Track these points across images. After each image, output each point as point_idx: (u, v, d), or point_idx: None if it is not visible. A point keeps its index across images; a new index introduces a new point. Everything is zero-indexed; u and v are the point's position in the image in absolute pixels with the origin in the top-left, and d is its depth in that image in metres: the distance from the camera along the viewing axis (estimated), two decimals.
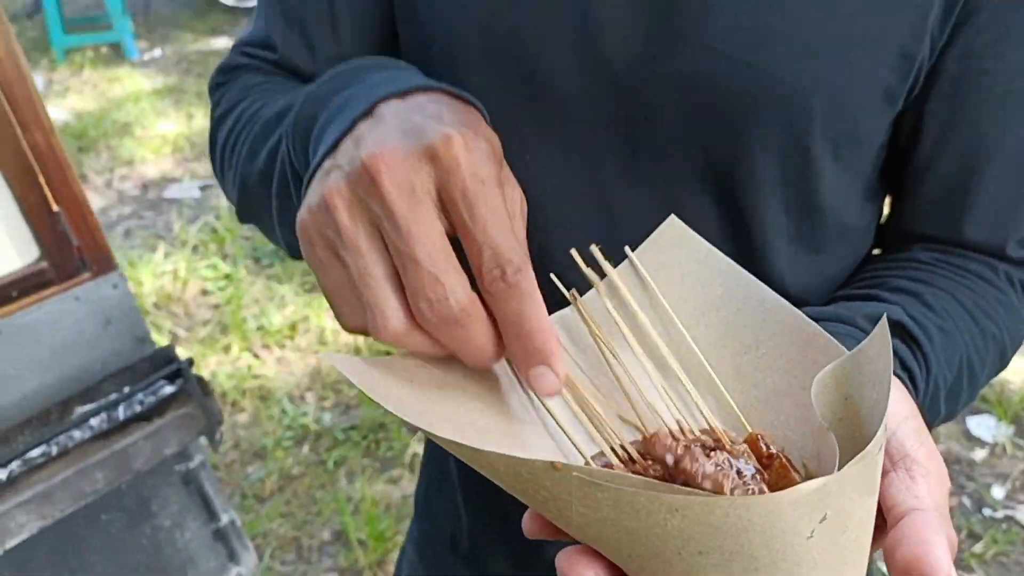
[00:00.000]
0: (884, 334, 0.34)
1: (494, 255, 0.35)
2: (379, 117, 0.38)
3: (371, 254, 0.36)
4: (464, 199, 0.35)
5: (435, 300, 0.35)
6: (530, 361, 0.37)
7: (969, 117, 0.54)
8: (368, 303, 0.36)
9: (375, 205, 0.35)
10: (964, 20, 0.51)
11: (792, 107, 0.51)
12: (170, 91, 4.60)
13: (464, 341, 0.36)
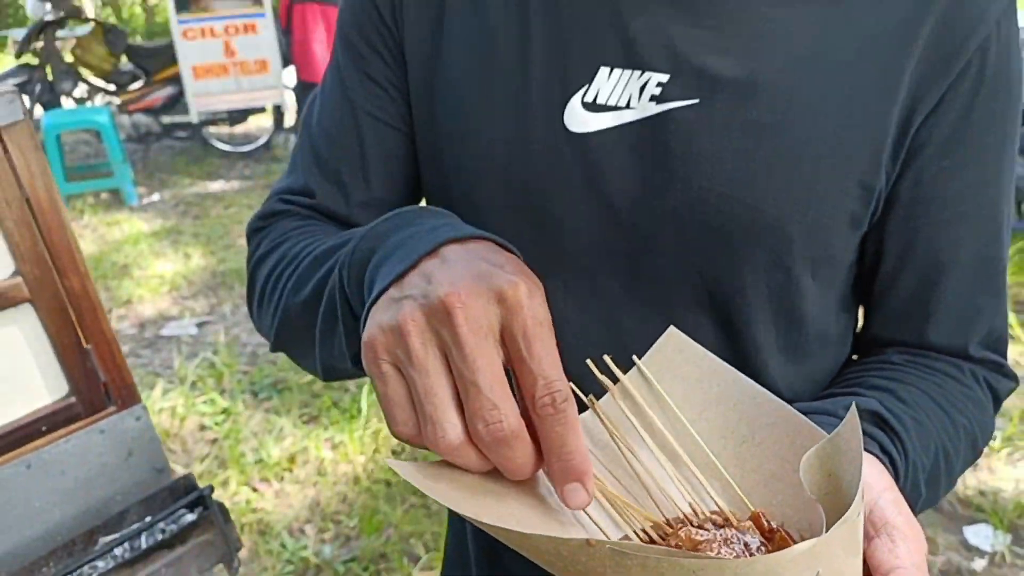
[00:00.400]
0: (854, 419, 0.41)
1: (547, 385, 0.41)
2: (445, 258, 0.45)
3: (437, 376, 0.42)
4: (524, 337, 0.42)
5: (491, 423, 0.41)
6: (567, 478, 0.42)
7: (924, 237, 0.63)
8: (430, 418, 0.42)
9: (447, 335, 0.42)
10: (912, 155, 0.60)
11: (774, 234, 0.59)
12: (168, 233, 4.74)
13: (509, 459, 0.42)
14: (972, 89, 0.59)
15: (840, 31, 0.58)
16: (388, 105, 0.69)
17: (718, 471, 0.47)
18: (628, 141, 0.59)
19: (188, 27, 5.47)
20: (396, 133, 0.69)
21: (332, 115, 0.71)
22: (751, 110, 0.58)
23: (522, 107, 0.61)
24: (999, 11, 0.59)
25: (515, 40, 0.62)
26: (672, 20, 0.59)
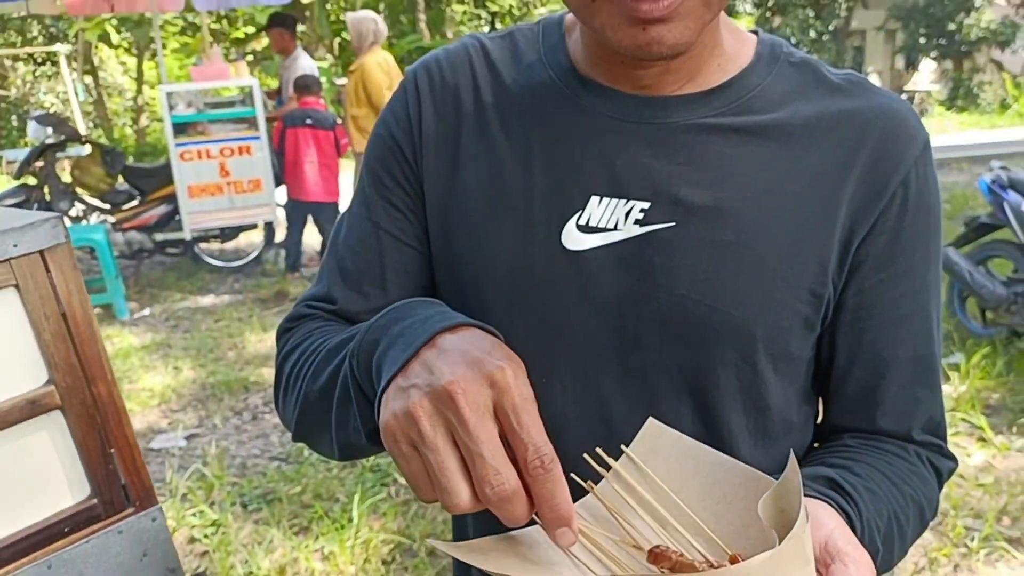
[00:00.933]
0: (794, 463, 0.52)
1: (536, 451, 0.51)
2: (440, 348, 0.55)
3: (447, 452, 0.52)
4: (514, 412, 0.51)
5: (496, 485, 0.50)
6: (557, 524, 0.52)
7: (869, 338, 0.75)
8: (444, 487, 0.52)
9: (452, 416, 0.51)
10: (854, 269, 0.73)
11: (741, 335, 0.70)
12: (158, 347, 4.81)
13: (510, 512, 0.51)
14: (899, 215, 0.72)
15: (789, 168, 0.71)
16: (406, 227, 0.80)
17: (701, 528, 0.56)
18: (616, 257, 0.71)
19: (185, 149, 5.70)
20: (412, 251, 0.81)
21: (357, 234, 0.82)
22: (719, 231, 0.70)
23: (526, 230, 0.73)
24: (916, 153, 0.73)
25: (520, 173, 0.74)
26: (651, 158, 0.71)
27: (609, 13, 0.63)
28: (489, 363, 0.52)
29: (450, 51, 0.82)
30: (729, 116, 0.72)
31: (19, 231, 1.15)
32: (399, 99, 0.82)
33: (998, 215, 4.12)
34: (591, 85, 0.74)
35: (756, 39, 0.78)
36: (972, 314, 4.39)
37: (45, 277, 1.18)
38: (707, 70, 0.73)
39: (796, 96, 0.73)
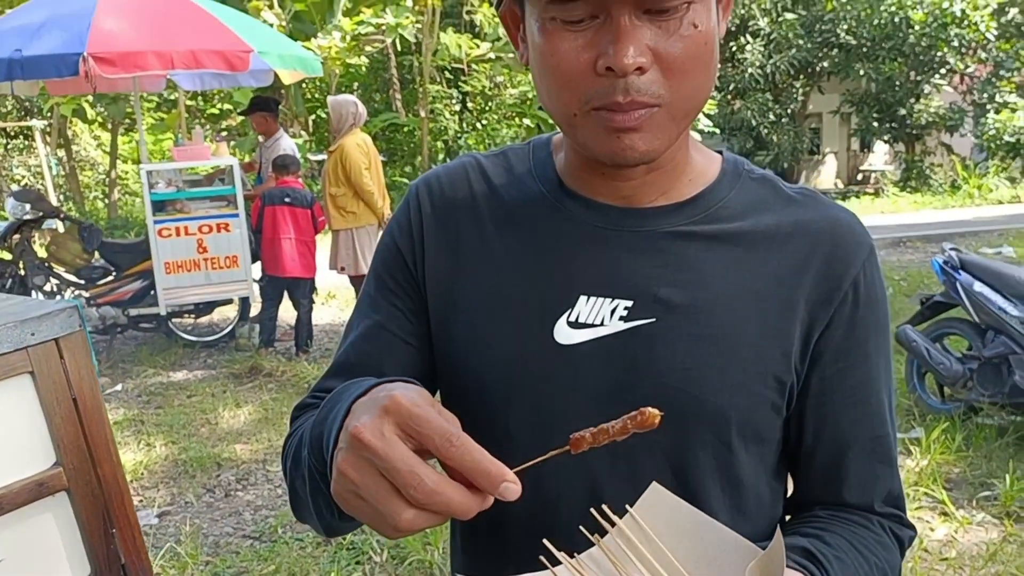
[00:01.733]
0: (779, 536, 0.61)
1: (441, 436, 0.57)
2: (353, 412, 0.63)
3: (375, 484, 0.58)
4: (412, 419, 0.58)
5: (417, 485, 0.56)
6: (494, 483, 0.56)
7: (831, 421, 0.85)
8: (385, 511, 0.58)
9: (366, 454, 0.58)
10: (815, 360, 0.84)
11: (717, 419, 0.80)
12: (131, 423, 4.79)
13: (449, 503, 0.56)
14: (851, 312, 0.83)
15: (754, 270, 0.82)
16: (406, 326, 0.90)
17: None
18: (604, 350, 0.81)
19: (164, 226, 5.77)
20: (411, 348, 0.90)
21: (361, 331, 0.92)
22: (694, 326, 0.80)
23: (522, 327, 0.83)
24: (864, 256, 0.85)
25: (515, 276, 0.85)
26: (632, 261, 0.82)
27: (589, 125, 0.74)
28: (380, 400, 0.60)
29: (449, 168, 0.93)
30: (700, 224, 0.83)
31: (37, 320, 1.24)
32: (403, 211, 0.92)
33: (951, 294, 4.30)
34: (577, 197, 0.85)
35: (721, 158, 0.90)
36: (931, 389, 4.53)
37: (59, 364, 1.26)
38: (679, 184, 0.85)
39: (758, 207, 0.85)
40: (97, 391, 1.28)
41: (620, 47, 0.68)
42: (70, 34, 4.93)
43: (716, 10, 0.75)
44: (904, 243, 10.41)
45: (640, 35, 0.69)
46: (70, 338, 1.25)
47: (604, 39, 0.70)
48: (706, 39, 0.72)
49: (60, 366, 1.25)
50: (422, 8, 12.95)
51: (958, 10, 15.82)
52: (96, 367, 4.17)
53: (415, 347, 0.90)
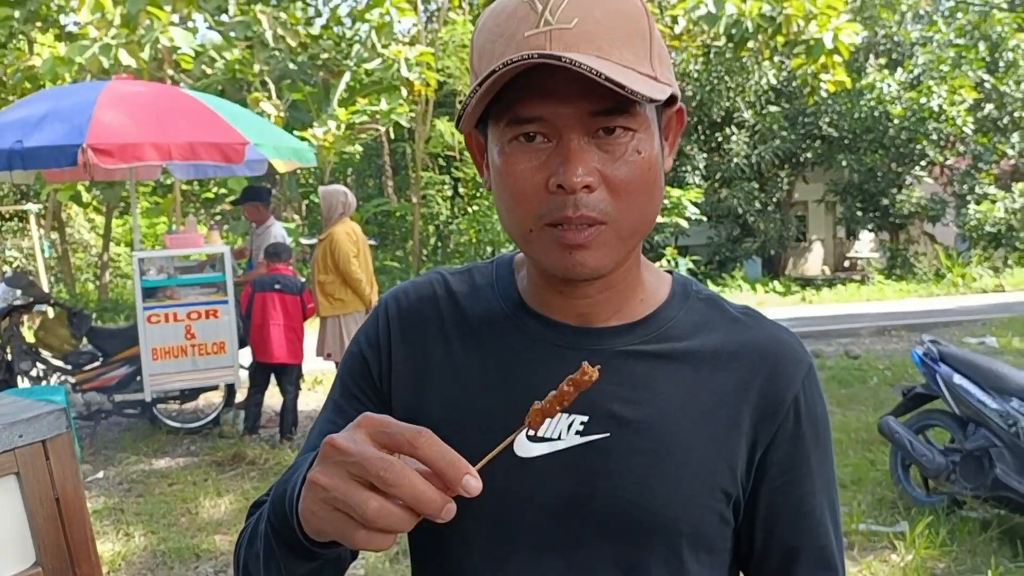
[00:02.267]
0: None
1: (410, 433, 0.63)
2: (326, 442, 0.67)
3: (345, 484, 0.63)
4: (382, 425, 0.64)
5: (386, 467, 0.61)
6: (458, 474, 0.62)
7: (778, 532, 0.89)
8: (354, 507, 0.62)
9: (339, 458, 0.63)
10: (761, 474, 0.88)
11: (668, 530, 0.84)
12: (110, 511, 4.73)
13: (414, 492, 0.61)
14: (794, 429, 0.88)
15: (700, 388, 0.87)
16: None
17: None
18: (561, 464, 0.85)
19: (153, 313, 5.81)
20: None
21: (324, 435, 0.96)
22: (646, 442, 0.85)
23: (483, 440, 0.87)
24: (803, 375, 0.90)
25: (477, 392, 0.89)
26: None
27: (543, 241, 0.80)
28: (353, 422, 0.67)
29: (417, 283, 0.99)
30: (651, 344, 0.89)
31: (26, 422, 1.27)
32: (372, 323, 0.97)
33: (932, 386, 4.36)
34: (537, 316, 0.91)
35: (671, 278, 0.96)
36: (916, 482, 4.53)
37: (44, 465, 1.29)
38: (632, 304, 0.90)
39: (705, 327, 0.91)
40: (80, 491, 1.31)
41: (569, 167, 0.75)
42: (70, 126, 5.07)
43: (660, 143, 0.83)
44: (888, 332, 10.52)
45: (588, 157, 0.77)
46: (56, 440, 1.29)
47: (556, 160, 0.77)
48: (649, 165, 0.79)
49: (45, 467, 1.28)
50: (416, 97, 13.34)
51: (935, 105, 16.38)
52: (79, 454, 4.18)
53: None
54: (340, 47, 13.83)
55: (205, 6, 11.87)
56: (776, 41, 11.69)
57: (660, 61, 0.80)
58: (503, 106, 0.77)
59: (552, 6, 0.75)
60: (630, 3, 0.79)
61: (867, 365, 8.27)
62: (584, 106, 0.75)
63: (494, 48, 0.77)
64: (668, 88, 0.79)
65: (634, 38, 0.77)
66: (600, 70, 0.70)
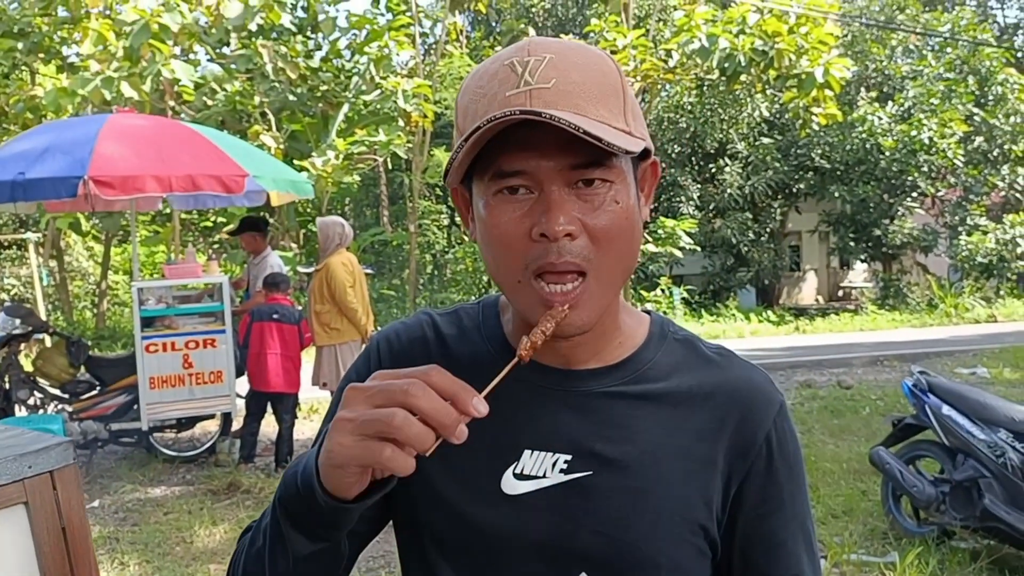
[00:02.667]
0: None
1: (419, 371, 0.71)
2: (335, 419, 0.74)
3: (375, 411, 0.70)
4: (392, 373, 0.72)
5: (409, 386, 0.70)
6: (468, 399, 0.70)
7: (754, 563, 0.95)
8: (387, 417, 0.69)
9: (360, 396, 0.71)
10: (736, 509, 0.93)
11: (648, 564, 0.89)
12: (105, 540, 4.74)
13: (434, 403, 0.69)
14: (767, 465, 0.94)
15: (677, 427, 0.93)
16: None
17: None
18: (546, 500, 0.90)
19: (151, 342, 5.86)
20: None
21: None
22: (626, 479, 0.90)
23: (472, 478, 0.93)
24: (775, 414, 0.95)
25: (469, 434, 0.95)
26: (571, 418, 0.92)
27: (529, 298, 0.85)
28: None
29: (408, 324, 1.04)
30: (630, 385, 0.94)
31: (34, 454, 1.33)
32: (363, 363, 1.02)
33: (921, 417, 4.41)
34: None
35: (649, 319, 1.01)
36: (907, 512, 4.56)
37: (52, 495, 1.34)
38: (611, 347, 0.96)
39: (681, 368, 0.96)
40: (85, 522, 1.36)
41: (552, 216, 0.81)
42: (72, 158, 5.15)
43: (637, 194, 0.88)
44: (881, 362, 10.57)
45: (569, 207, 0.82)
46: (64, 471, 1.34)
47: (539, 211, 0.82)
48: (627, 214, 0.85)
49: (53, 497, 1.33)
50: (413, 128, 13.48)
51: (926, 138, 16.57)
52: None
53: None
54: (339, 79, 14.00)
55: (207, 39, 12.03)
56: (768, 75, 11.88)
57: (634, 117, 0.86)
58: (487, 161, 0.83)
59: (531, 68, 0.81)
60: (604, 64, 0.85)
61: (860, 395, 8.32)
62: (564, 159, 0.81)
63: (477, 107, 0.83)
64: (642, 142, 0.84)
65: (608, 96, 0.83)
66: (578, 125, 0.76)
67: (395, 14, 14.36)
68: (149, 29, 9.66)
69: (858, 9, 20.27)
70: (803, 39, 11.43)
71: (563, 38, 0.91)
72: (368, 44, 13.34)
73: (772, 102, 17.72)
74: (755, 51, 11.43)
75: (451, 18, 15.98)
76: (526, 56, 0.82)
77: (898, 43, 20.27)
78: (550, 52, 0.83)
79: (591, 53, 0.86)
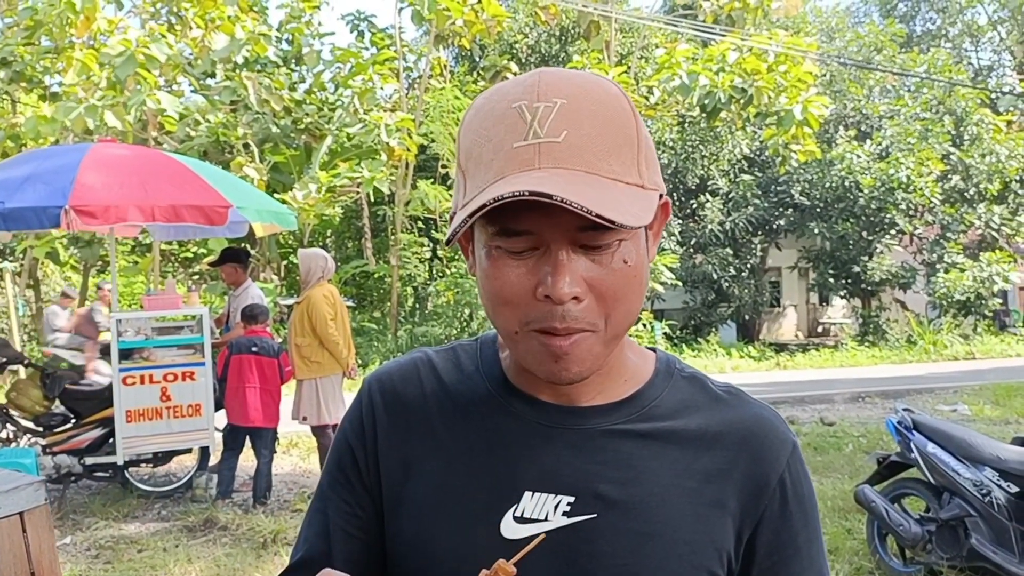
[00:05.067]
0: None
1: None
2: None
3: None
4: None
5: None
6: None
7: None
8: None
9: None
10: (751, 553, 0.89)
11: None
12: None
13: None
14: (780, 509, 0.90)
15: (685, 467, 0.89)
16: (355, 520, 0.95)
17: None
18: (548, 545, 0.85)
19: (128, 375, 5.75)
20: (360, 543, 0.94)
21: (315, 527, 0.97)
22: (632, 522, 0.86)
23: (469, 521, 0.88)
24: (787, 455, 0.91)
25: (463, 472, 0.90)
26: (573, 458, 0.88)
27: (529, 344, 0.82)
28: None
29: (401, 364, 1.00)
30: (636, 423, 0.90)
31: (4, 495, 1.28)
32: (356, 408, 0.98)
33: (906, 455, 4.39)
34: (521, 395, 0.92)
35: (655, 356, 0.98)
36: (893, 551, 4.52)
37: (21, 538, 1.29)
38: (616, 384, 0.92)
39: (689, 406, 0.93)
40: (56, 565, 1.30)
41: (558, 279, 0.77)
42: (53, 188, 5.09)
43: (646, 239, 0.85)
44: (863, 398, 10.59)
45: (576, 267, 0.79)
46: (34, 513, 1.28)
47: (543, 269, 0.79)
48: (636, 272, 0.82)
49: (22, 540, 1.28)
50: (396, 162, 13.51)
51: (904, 176, 16.81)
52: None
53: (362, 540, 0.95)
54: (323, 111, 14.04)
55: (191, 71, 12.04)
56: (748, 112, 12.06)
57: (647, 164, 0.82)
58: (493, 213, 0.77)
59: (541, 117, 0.77)
60: (617, 109, 0.81)
61: (842, 432, 8.31)
62: (572, 221, 0.76)
63: (482, 153, 0.80)
64: (655, 199, 0.81)
65: (622, 148, 0.79)
66: (589, 204, 0.71)
67: (379, 48, 14.48)
68: (136, 60, 9.64)
69: (836, 49, 20.68)
70: (782, 77, 11.63)
71: (575, 70, 0.85)
72: (352, 77, 13.41)
73: (752, 139, 17.96)
74: (735, 88, 11.60)
75: (435, 53, 16.10)
76: (536, 101, 0.78)
77: (875, 83, 20.67)
78: (561, 96, 0.78)
79: (605, 94, 0.81)
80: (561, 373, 0.82)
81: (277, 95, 12.16)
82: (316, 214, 12.04)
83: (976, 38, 26.25)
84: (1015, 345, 16.54)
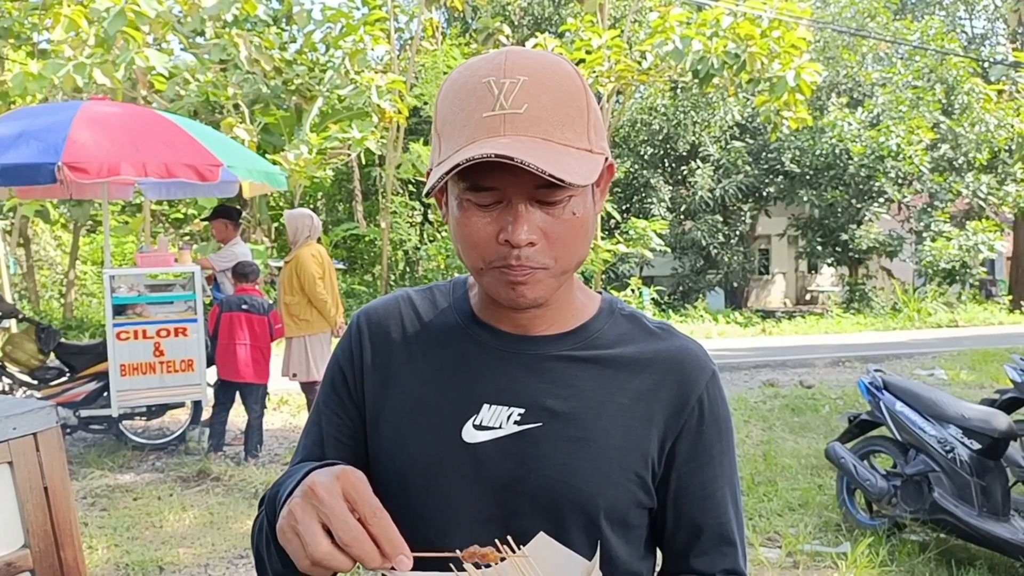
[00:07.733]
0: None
1: (370, 508, 0.79)
2: (314, 473, 0.84)
3: (310, 522, 0.79)
4: (354, 489, 0.80)
5: (344, 531, 0.78)
6: (395, 551, 0.78)
7: (686, 511, 1.07)
8: (309, 542, 0.78)
9: (314, 501, 0.80)
10: (670, 463, 1.05)
11: (588, 505, 1.00)
12: None
13: (361, 546, 0.77)
14: (698, 424, 1.06)
15: (619, 387, 1.04)
16: (345, 430, 1.11)
17: None
18: (501, 448, 1.01)
19: (122, 329, 5.87)
20: (348, 448, 1.11)
21: (312, 438, 1.13)
22: (572, 430, 1.02)
23: (437, 429, 1.03)
24: (706, 380, 1.07)
25: (433, 389, 1.06)
26: (525, 377, 1.04)
27: (491, 278, 0.98)
28: (336, 470, 0.83)
29: (386, 300, 1.16)
30: (580, 350, 1.06)
31: (19, 416, 1.40)
32: (347, 337, 1.15)
33: (876, 414, 4.57)
34: (485, 326, 1.08)
35: (600, 297, 1.14)
36: (860, 505, 4.72)
37: (35, 456, 1.42)
38: (565, 317, 1.08)
39: (625, 338, 1.09)
40: (67, 483, 1.43)
41: (517, 227, 0.93)
42: (46, 144, 5.15)
43: (593, 195, 1.01)
44: (843, 363, 10.81)
45: (532, 218, 0.94)
46: (47, 433, 1.41)
47: (506, 218, 0.94)
48: (582, 222, 0.98)
49: (36, 458, 1.40)
50: (387, 124, 13.51)
51: (894, 144, 16.90)
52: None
53: (350, 446, 1.11)
54: (313, 73, 13.99)
55: (181, 28, 11.98)
56: (741, 78, 12.08)
57: (595, 131, 0.97)
58: (465, 172, 0.93)
59: (506, 91, 0.91)
60: (571, 86, 0.95)
61: (820, 395, 8.53)
62: (530, 180, 0.91)
63: (455, 120, 0.94)
64: (601, 161, 0.96)
65: (575, 119, 0.94)
66: (544, 166, 0.86)
67: (371, 8, 14.39)
68: (125, 16, 9.61)
69: (830, 15, 20.62)
70: (775, 43, 11.65)
71: (537, 50, 1.00)
72: (343, 38, 13.35)
73: (744, 106, 17.98)
74: (728, 54, 11.62)
75: (427, 14, 16.02)
76: (502, 77, 0.92)
77: (868, 50, 20.66)
78: (524, 73, 0.92)
79: (561, 72, 0.95)
80: (519, 299, 0.97)
81: (267, 55, 12.12)
82: (307, 176, 12.07)
83: (971, 5, 26.17)
84: (997, 313, 16.79)
